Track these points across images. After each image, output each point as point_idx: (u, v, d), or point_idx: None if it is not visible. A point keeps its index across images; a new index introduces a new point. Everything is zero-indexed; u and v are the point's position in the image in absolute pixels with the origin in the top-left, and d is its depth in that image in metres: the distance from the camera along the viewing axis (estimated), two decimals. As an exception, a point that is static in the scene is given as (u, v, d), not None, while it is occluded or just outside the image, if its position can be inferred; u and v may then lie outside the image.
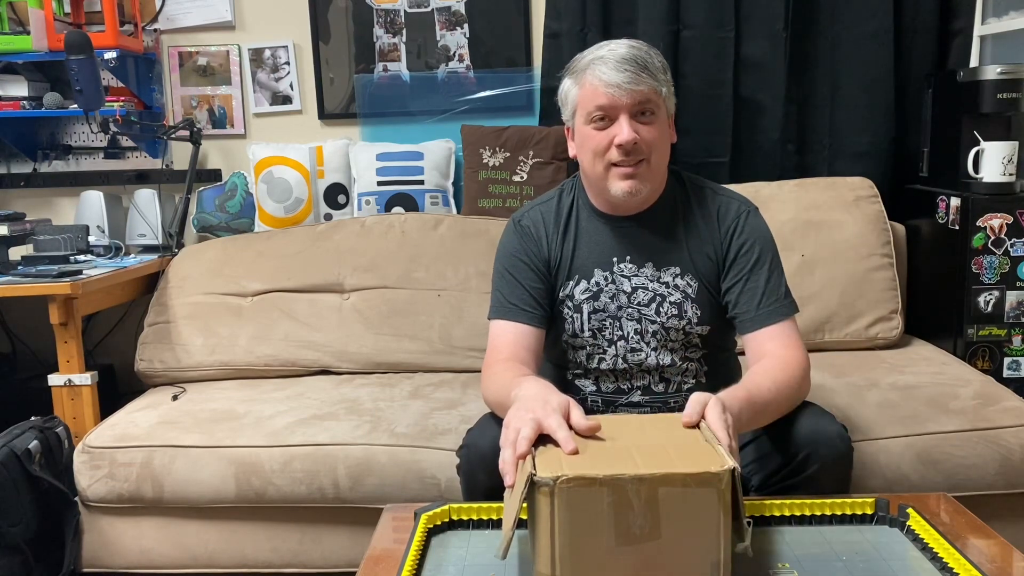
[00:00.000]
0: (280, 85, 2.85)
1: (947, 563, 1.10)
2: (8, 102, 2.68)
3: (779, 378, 1.39)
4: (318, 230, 2.60)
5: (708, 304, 1.54)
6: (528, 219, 1.60)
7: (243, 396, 2.23)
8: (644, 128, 1.45)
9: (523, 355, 1.48)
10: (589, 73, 1.45)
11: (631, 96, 1.42)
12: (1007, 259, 2.22)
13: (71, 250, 2.40)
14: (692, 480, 0.97)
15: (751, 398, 1.29)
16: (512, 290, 1.54)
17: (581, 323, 1.55)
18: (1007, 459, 1.80)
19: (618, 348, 1.56)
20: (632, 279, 1.54)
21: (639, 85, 1.42)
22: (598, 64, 1.44)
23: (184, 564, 2.01)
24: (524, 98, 2.79)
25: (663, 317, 1.54)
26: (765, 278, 1.51)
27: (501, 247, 1.61)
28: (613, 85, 1.42)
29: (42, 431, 2.03)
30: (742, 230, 1.53)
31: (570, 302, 1.56)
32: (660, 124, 1.48)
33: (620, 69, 1.42)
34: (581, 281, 1.55)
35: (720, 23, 2.61)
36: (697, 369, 1.58)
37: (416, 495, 1.85)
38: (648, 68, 1.44)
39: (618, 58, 1.43)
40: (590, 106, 1.46)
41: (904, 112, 2.64)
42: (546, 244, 1.57)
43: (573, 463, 1.02)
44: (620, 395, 1.58)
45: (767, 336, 1.48)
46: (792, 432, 1.41)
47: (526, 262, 1.55)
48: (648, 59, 1.45)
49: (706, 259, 1.54)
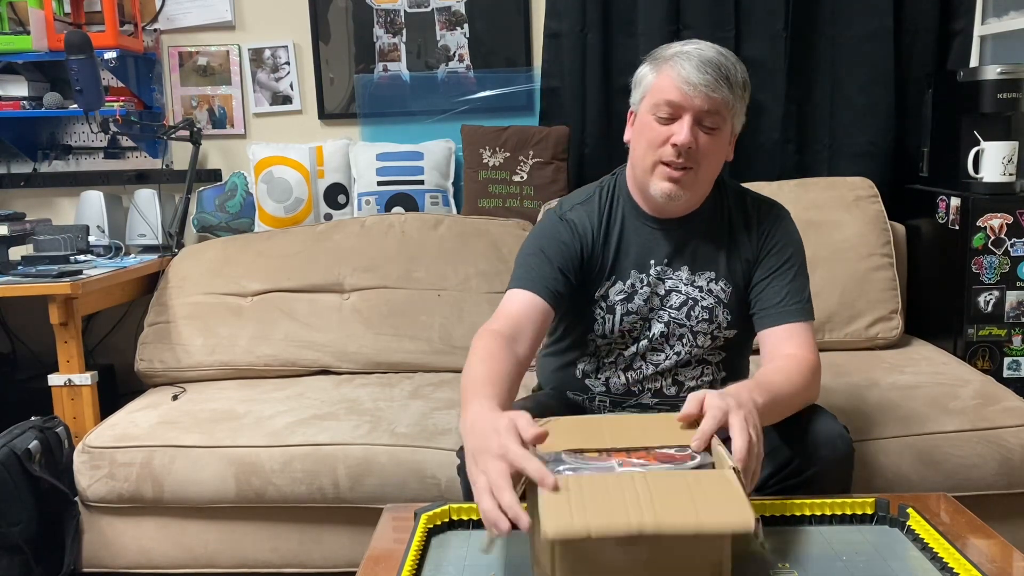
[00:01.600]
0: (280, 85, 2.85)
1: (947, 563, 1.10)
2: (8, 102, 2.68)
3: (794, 378, 1.39)
4: (318, 230, 2.60)
5: (739, 309, 1.54)
6: (573, 215, 1.56)
7: (243, 396, 2.23)
8: (704, 137, 1.42)
9: (523, 326, 1.42)
10: (670, 65, 1.41)
11: (703, 100, 1.39)
12: (1007, 259, 2.22)
13: (71, 250, 2.40)
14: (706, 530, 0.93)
15: (764, 387, 1.28)
16: (540, 265, 1.49)
17: (612, 324, 1.54)
18: (1007, 459, 1.81)
19: (639, 347, 1.56)
20: (667, 281, 1.54)
21: (715, 92, 1.39)
22: (682, 59, 1.40)
23: (184, 564, 2.01)
24: (524, 98, 2.79)
25: (693, 321, 1.53)
26: (791, 278, 1.51)
27: (539, 230, 1.57)
28: (690, 84, 1.38)
29: (42, 431, 2.03)
30: (775, 231, 1.54)
31: (604, 303, 1.54)
32: (720, 138, 1.45)
33: (703, 70, 1.38)
34: (617, 282, 1.54)
35: (720, 23, 2.61)
36: (714, 372, 1.58)
37: (416, 495, 1.85)
38: (729, 79, 1.41)
39: (704, 59, 1.40)
40: (660, 98, 1.42)
41: (904, 112, 2.64)
42: (591, 243, 1.54)
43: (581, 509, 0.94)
44: (630, 396, 1.58)
45: (784, 334, 1.48)
46: (793, 433, 1.41)
47: (563, 249, 1.51)
48: (732, 71, 1.42)
49: (743, 263, 1.54)
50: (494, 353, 1.32)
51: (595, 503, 0.95)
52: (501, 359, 1.32)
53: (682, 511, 0.94)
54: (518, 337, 1.40)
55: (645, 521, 0.92)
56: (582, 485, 0.97)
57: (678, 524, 0.93)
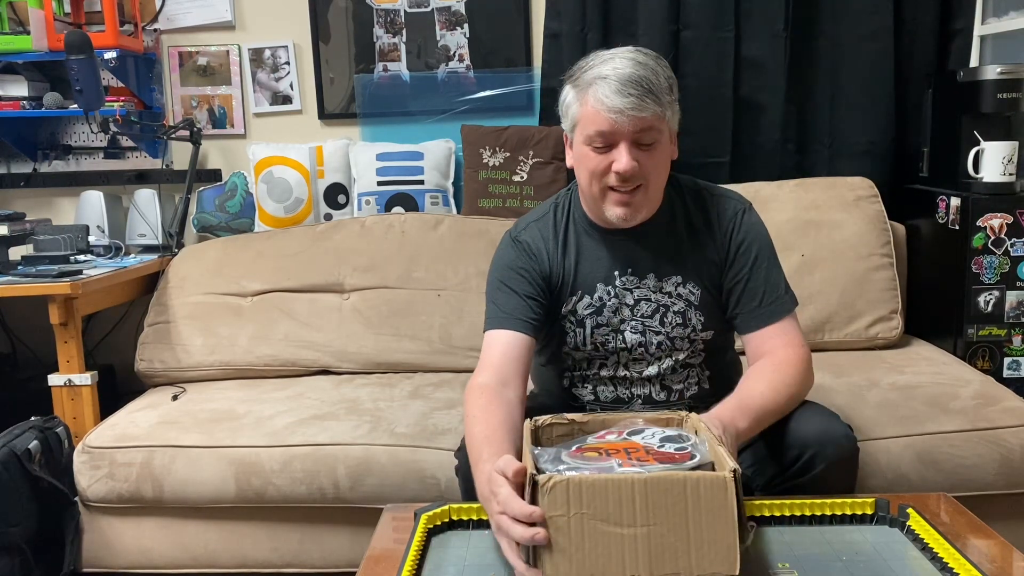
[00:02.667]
0: (280, 85, 2.85)
1: (947, 563, 1.10)
2: (8, 102, 2.68)
3: (777, 381, 1.39)
4: (318, 230, 2.60)
5: (712, 309, 1.54)
6: (527, 235, 1.56)
7: (243, 396, 2.23)
8: (644, 155, 1.40)
9: (509, 367, 1.43)
10: (592, 92, 1.38)
11: (633, 123, 1.36)
12: (1007, 259, 2.22)
13: (71, 250, 2.40)
14: None
15: (747, 408, 1.32)
16: (507, 300, 1.50)
17: (584, 337, 1.54)
18: (1007, 459, 1.80)
19: (620, 357, 1.55)
20: (634, 291, 1.53)
21: (642, 112, 1.36)
22: (601, 84, 1.37)
23: (184, 564, 2.01)
24: (524, 98, 2.79)
25: (668, 327, 1.53)
26: (764, 277, 1.51)
27: (497, 260, 1.58)
28: (615, 111, 1.35)
29: (42, 431, 2.03)
30: (739, 229, 1.53)
31: (573, 317, 1.54)
32: (661, 149, 1.43)
33: (624, 93, 1.35)
34: (584, 296, 1.54)
35: (720, 23, 2.61)
36: (699, 374, 1.58)
37: (416, 495, 1.85)
38: (653, 91, 1.37)
39: (622, 79, 1.36)
40: (590, 130, 1.40)
41: (904, 112, 2.64)
42: (547, 261, 1.54)
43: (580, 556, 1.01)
44: (620, 404, 1.57)
45: (767, 335, 1.49)
46: (798, 432, 1.41)
47: (523, 275, 1.52)
48: (654, 79, 1.38)
49: (709, 264, 1.53)
50: (485, 408, 1.34)
51: (594, 547, 1.00)
52: (492, 412, 1.33)
53: (674, 556, 1.00)
54: (507, 381, 1.41)
55: (640, 568, 0.98)
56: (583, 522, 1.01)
57: (670, 571, 0.99)
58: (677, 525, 1.00)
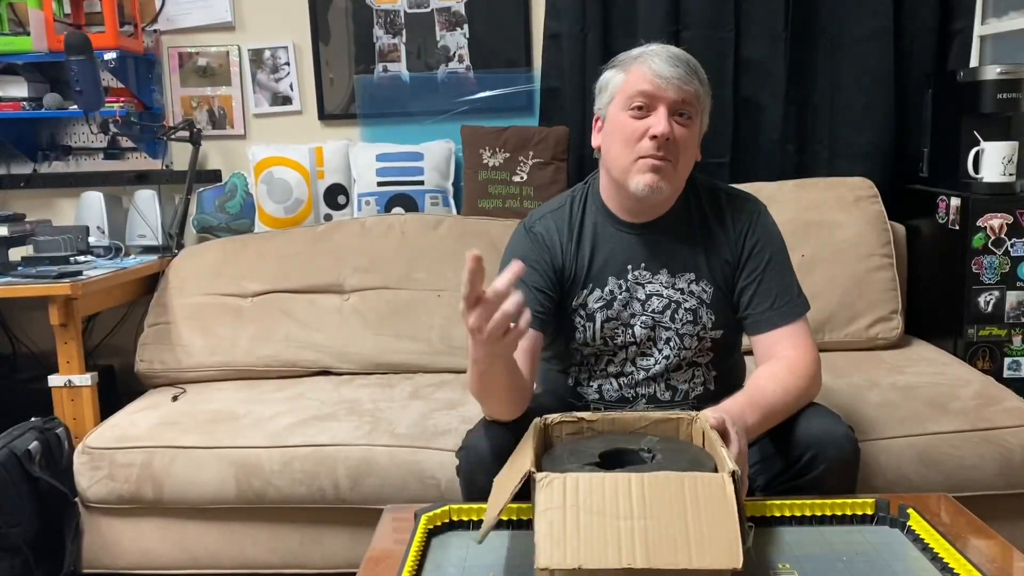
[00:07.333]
0: (280, 86, 2.85)
1: (947, 563, 1.10)
2: (8, 103, 2.68)
3: (787, 381, 1.40)
4: (318, 231, 2.60)
5: (723, 308, 1.54)
6: (541, 227, 1.57)
7: (243, 397, 2.23)
8: (680, 128, 1.44)
9: (517, 359, 1.42)
10: (640, 62, 1.44)
11: (677, 92, 1.42)
12: (1007, 259, 2.22)
13: (71, 251, 2.40)
14: None
15: (757, 404, 1.33)
16: None
17: (593, 332, 1.54)
18: (1007, 459, 1.80)
19: (628, 352, 1.55)
20: (647, 286, 1.53)
21: (687, 84, 1.43)
22: (651, 56, 1.44)
23: (184, 565, 2.01)
24: (524, 98, 2.79)
25: (678, 324, 1.53)
26: (777, 279, 1.51)
27: (509, 251, 1.58)
28: (662, 76, 1.41)
29: (42, 432, 2.03)
30: (754, 230, 1.53)
31: (583, 311, 1.54)
32: (693, 131, 1.47)
33: (672, 64, 1.42)
34: (595, 290, 1.54)
35: (720, 24, 2.61)
36: (705, 374, 1.58)
37: (416, 496, 1.85)
38: (698, 73, 1.45)
39: (672, 54, 1.44)
40: (632, 91, 1.44)
41: (904, 112, 2.64)
42: (560, 253, 1.54)
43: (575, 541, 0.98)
44: (624, 403, 1.57)
45: (778, 337, 1.49)
46: (799, 432, 1.41)
47: (535, 267, 1.52)
48: (699, 68, 1.47)
49: (723, 263, 1.53)
50: None
51: (589, 536, 0.98)
52: None
53: (673, 548, 0.97)
54: None
55: (636, 558, 0.96)
56: (579, 514, 1.00)
57: (669, 563, 0.96)
58: (676, 519, 0.99)
